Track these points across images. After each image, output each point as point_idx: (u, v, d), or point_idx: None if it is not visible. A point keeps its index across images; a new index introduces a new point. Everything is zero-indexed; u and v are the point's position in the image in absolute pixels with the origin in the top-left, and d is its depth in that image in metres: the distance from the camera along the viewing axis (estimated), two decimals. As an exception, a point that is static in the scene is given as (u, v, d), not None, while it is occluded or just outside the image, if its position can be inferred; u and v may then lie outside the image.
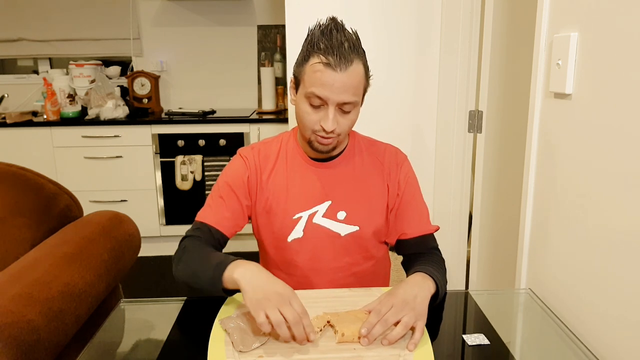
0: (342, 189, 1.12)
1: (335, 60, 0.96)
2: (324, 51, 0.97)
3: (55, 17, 3.32)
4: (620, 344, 0.84)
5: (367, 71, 1.04)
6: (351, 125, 1.05)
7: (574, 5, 0.98)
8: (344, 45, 0.97)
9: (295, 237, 1.11)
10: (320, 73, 0.97)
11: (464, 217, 2.13)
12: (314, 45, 0.99)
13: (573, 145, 0.98)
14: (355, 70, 0.98)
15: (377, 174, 1.14)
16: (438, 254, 1.12)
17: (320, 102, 0.99)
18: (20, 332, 0.95)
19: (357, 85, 1.00)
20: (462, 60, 2.00)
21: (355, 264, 1.14)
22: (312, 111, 1.01)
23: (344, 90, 0.98)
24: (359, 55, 1.00)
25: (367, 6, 2.01)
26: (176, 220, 3.05)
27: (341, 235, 1.11)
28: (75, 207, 1.49)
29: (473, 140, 2.01)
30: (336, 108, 1.00)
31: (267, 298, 0.84)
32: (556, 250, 1.05)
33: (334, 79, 0.96)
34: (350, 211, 1.11)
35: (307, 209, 1.11)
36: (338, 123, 1.01)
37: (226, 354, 0.82)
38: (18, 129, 2.92)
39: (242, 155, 1.14)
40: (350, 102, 0.99)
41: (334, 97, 0.98)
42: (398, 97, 2.10)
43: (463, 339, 0.90)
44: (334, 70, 0.96)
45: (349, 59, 0.97)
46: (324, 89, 0.97)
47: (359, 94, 1.02)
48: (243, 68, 3.41)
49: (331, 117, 0.99)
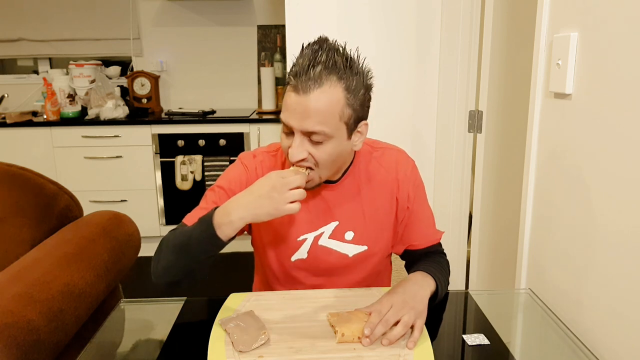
0: (349, 208, 1.05)
1: (300, 82, 0.86)
2: (294, 73, 0.88)
3: (55, 17, 3.32)
4: (620, 344, 0.84)
5: (354, 97, 0.89)
6: (329, 159, 0.92)
7: (573, 5, 0.98)
8: (318, 66, 0.86)
9: (299, 257, 1.06)
10: (287, 95, 0.90)
11: (464, 217, 2.13)
12: (293, 66, 0.91)
13: (573, 145, 0.98)
14: (324, 94, 0.86)
15: (386, 189, 1.06)
16: (443, 256, 1.11)
17: (288, 129, 0.91)
18: (20, 332, 0.95)
19: (325, 112, 0.87)
20: (462, 60, 2.00)
21: (362, 280, 1.11)
22: (285, 138, 0.94)
23: (305, 116, 0.87)
24: (339, 77, 0.87)
25: (367, 6, 2.01)
26: (176, 220, 3.05)
27: (349, 256, 1.06)
28: (75, 207, 1.49)
29: (473, 140, 2.01)
30: (303, 137, 0.90)
31: (270, 196, 0.84)
32: (556, 250, 1.05)
33: (295, 102, 0.87)
34: (358, 231, 1.05)
35: (313, 230, 1.05)
36: (311, 153, 0.90)
37: (226, 354, 0.82)
38: (18, 129, 2.92)
39: (243, 163, 1.07)
40: (316, 132, 0.87)
41: (295, 124, 0.88)
42: (398, 97, 2.10)
43: (463, 339, 0.90)
44: (297, 93, 0.87)
45: (317, 81, 0.86)
46: (287, 114, 0.89)
47: (330, 123, 0.88)
48: (243, 68, 3.41)
49: (295, 145, 0.89)
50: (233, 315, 0.93)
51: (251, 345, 0.83)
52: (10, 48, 3.36)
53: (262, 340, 0.85)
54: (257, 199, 0.86)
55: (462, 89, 2.01)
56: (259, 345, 0.84)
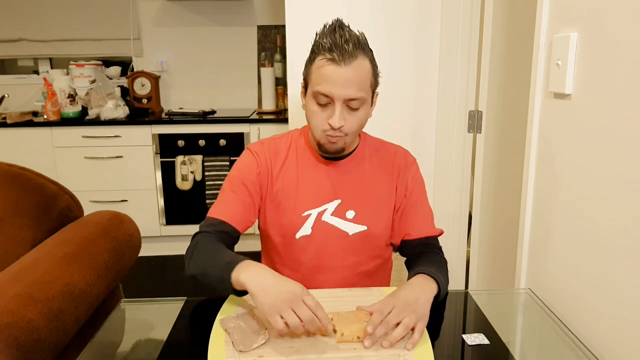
0: (351, 189, 1.12)
1: (338, 55, 0.97)
2: (328, 48, 0.98)
3: (55, 17, 3.32)
4: (620, 344, 0.84)
5: (375, 69, 1.04)
6: (360, 124, 1.04)
7: (573, 5, 0.98)
8: (348, 42, 0.97)
9: (303, 234, 1.11)
10: (325, 69, 0.98)
11: (463, 217, 2.13)
12: (319, 45, 1.00)
13: (573, 145, 0.98)
14: (360, 65, 0.98)
15: (387, 175, 1.14)
16: (440, 254, 1.12)
17: (326, 99, 1.00)
18: (20, 332, 0.95)
19: (362, 80, 0.99)
20: (462, 60, 2.00)
21: (362, 263, 1.14)
22: (319, 110, 1.02)
23: (348, 84, 0.97)
24: (364, 52, 1.00)
25: (367, 6, 2.01)
26: (176, 220, 3.05)
27: (349, 234, 1.11)
28: (75, 207, 1.49)
29: (473, 140, 2.01)
30: (343, 105, 1.00)
31: (280, 299, 0.82)
32: (556, 250, 1.05)
33: (338, 73, 0.97)
34: (359, 210, 1.12)
35: (317, 206, 1.11)
36: (346, 120, 1.01)
37: (226, 354, 0.82)
38: (18, 129, 2.92)
39: (252, 151, 1.14)
40: (356, 98, 0.99)
41: (338, 92, 0.98)
42: (398, 97, 2.10)
43: (463, 338, 0.90)
44: (338, 65, 0.97)
45: (352, 54, 0.97)
46: (328, 85, 0.98)
47: (366, 89, 1.01)
48: (243, 68, 3.42)
49: (337, 113, 0.99)
50: (233, 315, 0.93)
51: (251, 345, 0.83)
52: (11, 48, 3.36)
53: (262, 340, 0.85)
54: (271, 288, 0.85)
55: (462, 89, 2.01)
56: (259, 345, 0.84)
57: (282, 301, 0.82)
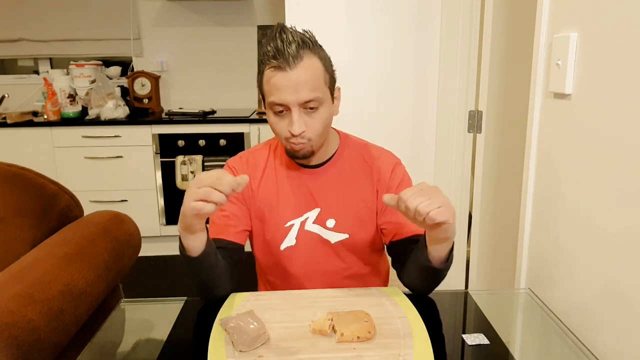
0: (331, 196, 1.09)
1: (282, 60, 0.94)
2: (272, 55, 0.95)
3: (55, 17, 3.32)
4: (620, 344, 0.84)
5: (328, 64, 1.01)
6: (324, 124, 1.00)
7: (573, 5, 0.98)
8: (291, 44, 0.94)
9: (288, 245, 1.10)
10: (273, 78, 0.95)
11: (463, 217, 2.13)
12: (264, 54, 0.97)
13: (573, 145, 0.98)
14: (308, 64, 0.95)
15: (367, 179, 1.10)
16: None
17: (282, 107, 0.97)
18: (20, 332, 0.95)
19: (314, 79, 0.96)
20: (462, 60, 2.00)
21: (349, 267, 1.13)
22: (278, 119, 0.99)
23: (299, 88, 0.94)
24: (311, 50, 0.97)
25: (367, 6, 2.01)
26: (176, 220, 3.04)
27: (331, 242, 1.10)
28: (75, 207, 1.49)
29: (473, 140, 2.01)
30: (300, 109, 0.96)
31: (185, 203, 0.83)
32: (556, 250, 1.05)
33: (286, 79, 0.94)
34: (339, 219, 1.09)
35: (298, 216, 1.09)
36: (307, 124, 0.98)
37: (226, 354, 0.82)
38: (18, 129, 2.92)
39: (231, 167, 1.13)
40: (311, 99, 0.96)
41: (291, 98, 0.95)
42: (398, 97, 2.10)
43: (463, 338, 0.90)
44: (284, 70, 0.94)
45: (297, 55, 0.94)
46: (280, 93, 0.95)
47: (321, 88, 0.97)
48: (243, 68, 3.42)
49: (295, 119, 0.96)
50: (233, 315, 0.93)
51: (251, 345, 0.83)
52: (11, 48, 3.36)
53: (262, 340, 0.85)
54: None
55: (462, 89, 2.01)
56: (259, 345, 0.84)
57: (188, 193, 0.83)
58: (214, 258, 0.96)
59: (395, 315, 0.93)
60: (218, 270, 0.98)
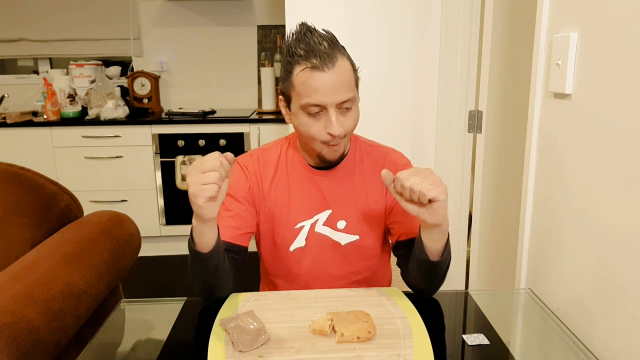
0: (342, 198, 1.09)
1: (319, 61, 0.93)
2: (306, 56, 0.93)
3: (55, 17, 3.32)
4: (620, 344, 0.84)
5: (354, 65, 1.01)
6: (355, 123, 1.01)
7: (573, 5, 0.98)
8: (323, 45, 0.94)
9: (297, 246, 1.09)
10: (310, 79, 0.93)
11: (464, 217, 2.13)
12: (293, 54, 0.95)
13: (573, 145, 0.98)
14: (342, 65, 0.95)
15: (377, 180, 1.10)
16: None
17: (318, 109, 0.95)
18: (20, 332, 0.95)
19: (348, 79, 0.96)
20: (462, 60, 2.00)
21: (356, 272, 1.12)
22: (312, 121, 0.97)
23: (338, 89, 0.94)
24: (340, 51, 0.97)
25: (367, 6, 2.01)
26: (176, 220, 3.05)
27: (341, 244, 1.09)
28: (75, 207, 1.49)
29: (473, 140, 2.01)
30: (336, 109, 0.96)
31: (189, 182, 0.86)
32: (556, 250, 1.05)
33: (325, 80, 0.93)
34: (350, 220, 1.09)
35: (309, 217, 1.08)
36: (342, 124, 0.97)
37: (226, 354, 0.82)
38: (18, 129, 2.92)
39: (242, 165, 1.10)
40: (348, 99, 0.96)
41: (331, 100, 0.94)
42: (398, 97, 2.10)
43: (463, 339, 0.90)
44: (322, 71, 0.93)
45: (332, 56, 0.93)
46: (318, 95, 0.93)
47: (353, 88, 0.98)
48: (243, 68, 3.42)
49: (334, 120, 0.95)
50: (233, 315, 0.93)
51: (251, 345, 0.83)
52: (11, 48, 3.36)
53: (262, 340, 0.85)
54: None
55: (462, 89, 2.01)
56: (259, 345, 0.84)
57: (190, 179, 0.86)
58: (222, 257, 0.96)
59: (395, 316, 0.93)
60: (223, 270, 0.98)
